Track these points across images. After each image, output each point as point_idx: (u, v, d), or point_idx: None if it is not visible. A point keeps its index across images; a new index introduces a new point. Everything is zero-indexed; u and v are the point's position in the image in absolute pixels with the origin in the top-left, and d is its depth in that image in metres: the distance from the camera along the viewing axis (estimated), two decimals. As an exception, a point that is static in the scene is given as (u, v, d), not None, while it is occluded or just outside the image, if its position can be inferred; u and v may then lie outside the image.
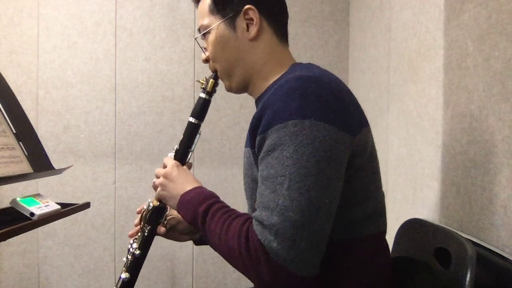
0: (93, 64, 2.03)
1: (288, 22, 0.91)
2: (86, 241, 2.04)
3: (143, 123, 2.04)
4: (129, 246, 0.96)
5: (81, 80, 2.03)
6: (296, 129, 0.66)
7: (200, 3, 0.90)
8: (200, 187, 0.84)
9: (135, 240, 0.96)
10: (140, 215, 0.97)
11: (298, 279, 0.64)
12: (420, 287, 0.82)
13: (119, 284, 0.94)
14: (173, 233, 1.02)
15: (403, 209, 1.33)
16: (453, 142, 1.03)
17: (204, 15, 0.88)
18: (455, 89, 1.03)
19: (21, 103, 1.16)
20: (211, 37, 0.87)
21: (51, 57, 2.03)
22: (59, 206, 1.05)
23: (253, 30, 0.84)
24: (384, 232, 0.82)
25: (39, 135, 1.21)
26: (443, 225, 0.96)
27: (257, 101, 0.91)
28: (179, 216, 0.99)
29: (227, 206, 0.78)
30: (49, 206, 1.02)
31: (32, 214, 0.94)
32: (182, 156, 0.95)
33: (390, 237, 0.97)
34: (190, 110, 0.97)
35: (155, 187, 0.92)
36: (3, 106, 1.08)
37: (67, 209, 1.08)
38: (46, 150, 1.17)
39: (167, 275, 2.05)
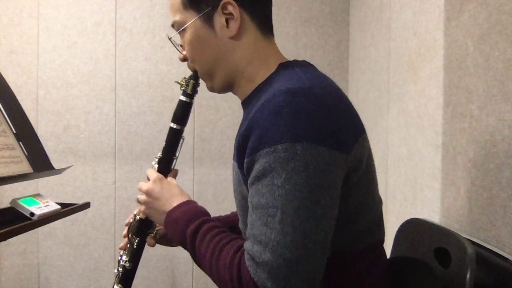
0: (93, 64, 2.03)
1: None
2: (86, 241, 2.04)
3: (143, 123, 2.04)
4: (119, 258, 0.93)
5: (81, 80, 2.03)
6: (287, 154, 0.60)
7: None
8: (187, 202, 0.79)
9: (124, 252, 0.92)
10: (127, 227, 0.93)
11: None
12: (420, 287, 0.82)
13: None
14: (165, 240, 0.97)
15: (403, 209, 1.33)
16: (453, 142, 1.03)
17: (177, 10, 0.79)
18: (455, 89, 1.03)
19: (21, 103, 1.16)
20: (187, 35, 0.79)
21: (51, 57, 2.03)
22: (59, 206, 1.05)
23: (234, 26, 0.75)
24: (382, 241, 0.79)
25: (39, 135, 1.21)
26: (443, 225, 0.96)
27: (244, 104, 0.83)
28: None
29: (217, 226, 0.73)
30: (49, 206, 1.02)
31: (32, 214, 0.94)
32: (166, 164, 0.88)
33: (390, 237, 0.97)
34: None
35: (139, 202, 0.87)
36: (3, 106, 1.08)
37: (67, 209, 1.08)
38: (46, 150, 1.17)
39: (167, 275, 2.05)
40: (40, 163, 1.12)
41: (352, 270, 0.72)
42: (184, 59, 0.85)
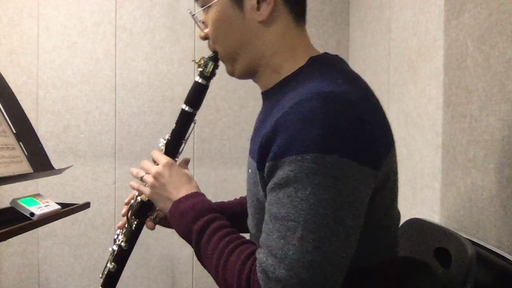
0: (93, 64, 2.03)
1: None
2: (86, 241, 2.04)
3: (143, 123, 2.04)
4: (115, 236, 0.89)
5: (81, 80, 2.03)
6: (315, 165, 0.55)
7: None
8: (195, 195, 0.75)
9: (122, 232, 0.89)
10: (127, 206, 0.89)
11: None
12: (420, 287, 0.82)
13: (105, 273, 0.89)
14: (165, 223, 0.93)
15: (403, 209, 1.32)
16: (453, 142, 1.03)
17: None
18: (455, 89, 1.03)
19: (21, 103, 1.16)
20: (212, 14, 0.72)
21: (51, 57, 2.03)
22: (59, 206, 1.05)
23: (265, 9, 0.68)
24: (396, 256, 0.75)
25: (39, 135, 1.21)
26: (443, 225, 0.96)
27: (265, 94, 0.77)
28: None
29: (226, 226, 0.69)
30: (49, 206, 1.02)
31: (32, 214, 0.94)
32: (174, 148, 0.84)
33: (390, 237, 0.97)
34: None
35: (141, 183, 0.83)
36: (3, 106, 1.08)
37: (67, 209, 1.08)
38: (46, 150, 1.17)
39: (167, 275, 2.05)
40: (40, 163, 1.12)
41: (366, 285, 0.68)
42: (205, 38, 0.78)
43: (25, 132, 1.12)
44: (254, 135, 0.75)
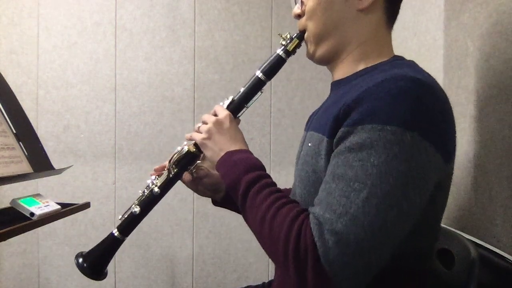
0: (93, 64, 2.03)
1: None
2: (86, 241, 2.04)
3: (143, 123, 2.04)
4: (149, 181, 0.91)
5: (81, 80, 2.03)
6: (395, 137, 0.56)
7: None
8: (249, 152, 0.76)
9: (157, 178, 0.91)
10: (171, 156, 0.91)
11: None
12: None
13: (126, 214, 0.91)
14: (196, 185, 0.97)
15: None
16: (453, 142, 1.03)
17: None
18: (455, 89, 1.03)
19: (21, 103, 1.16)
20: None
21: (51, 57, 2.03)
22: (59, 206, 1.06)
23: (367, 1, 0.73)
24: (428, 271, 0.73)
25: (39, 135, 1.21)
26: (445, 226, 0.96)
27: (336, 84, 0.79)
28: (210, 169, 0.96)
29: (276, 185, 0.69)
30: (49, 206, 1.02)
31: (32, 214, 0.94)
32: (236, 109, 0.85)
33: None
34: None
35: (196, 131, 0.84)
36: (3, 106, 1.08)
37: (67, 209, 1.08)
38: (46, 150, 1.17)
39: (167, 275, 2.04)
40: (40, 163, 1.12)
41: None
42: (298, 16, 0.81)
43: (25, 132, 1.12)
44: (322, 112, 0.76)
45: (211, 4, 2.04)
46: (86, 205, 1.19)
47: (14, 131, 1.08)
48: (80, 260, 0.87)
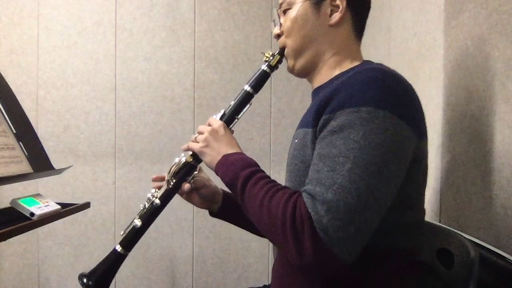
0: (93, 64, 2.03)
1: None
2: (86, 241, 2.04)
3: (143, 123, 2.04)
4: (149, 194, 0.96)
5: (81, 80, 2.03)
6: (369, 116, 0.65)
7: None
8: (244, 154, 0.83)
9: (157, 190, 0.96)
10: (169, 168, 0.96)
11: (337, 261, 0.62)
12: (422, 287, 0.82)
13: (128, 229, 0.94)
14: (194, 196, 1.02)
15: (403, 209, 1.32)
16: (453, 142, 1.03)
17: None
18: (455, 89, 1.03)
19: (21, 103, 1.16)
20: (292, 13, 0.87)
21: (51, 57, 2.03)
22: (59, 206, 1.05)
23: (336, 16, 0.84)
24: (421, 247, 0.80)
25: (39, 135, 1.21)
26: (445, 226, 0.96)
27: (316, 91, 0.89)
28: (207, 180, 1.02)
29: (270, 178, 0.76)
30: (49, 206, 1.02)
31: (32, 214, 0.94)
32: (228, 120, 0.93)
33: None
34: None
35: (193, 141, 0.91)
36: (3, 106, 1.08)
37: (67, 209, 1.08)
38: (46, 150, 1.17)
39: (167, 275, 2.05)
40: (40, 163, 1.12)
41: (378, 268, 0.72)
42: (278, 36, 0.92)
43: (25, 132, 1.12)
44: (306, 113, 0.86)
45: (211, 4, 2.04)
46: (86, 205, 1.19)
47: (14, 131, 1.08)
48: (85, 280, 0.89)
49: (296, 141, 0.83)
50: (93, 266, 0.92)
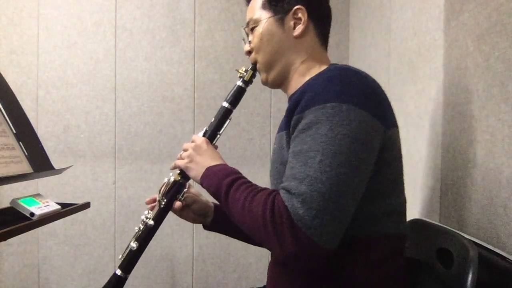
0: (93, 64, 2.03)
1: None
2: (86, 241, 2.04)
3: (143, 123, 2.04)
4: (143, 216, 0.99)
5: (81, 80, 2.03)
6: (333, 110, 0.69)
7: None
8: (226, 165, 0.88)
9: (150, 211, 0.99)
10: (159, 188, 0.99)
11: (318, 249, 0.65)
12: (423, 287, 0.82)
13: (126, 252, 0.97)
14: (187, 212, 1.05)
15: (403, 209, 1.32)
16: (453, 142, 1.03)
17: (256, 9, 0.93)
18: (455, 89, 1.03)
19: (21, 103, 1.16)
20: (259, 29, 0.92)
21: (51, 57, 2.03)
22: (59, 206, 1.05)
23: (299, 28, 0.89)
24: (403, 235, 0.83)
25: (39, 135, 1.21)
26: (444, 226, 0.96)
27: (290, 98, 0.93)
28: (197, 196, 1.06)
29: (252, 183, 0.80)
30: (49, 206, 1.02)
31: (32, 214, 0.94)
32: (210, 137, 0.99)
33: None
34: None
35: (180, 159, 0.95)
36: (3, 106, 1.08)
37: (67, 209, 1.08)
38: (46, 150, 1.17)
39: (167, 275, 2.05)
40: (40, 163, 1.12)
41: (363, 258, 0.75)
42: (249, 52, 0.97)
43: (25, 132, 1.12)
44: (282, 118, 0.89)
45: (211, 4, 2.04)
46: (86, 205, 1.19)
47: (14, 131, 1.08)
48: None
49: (275, 146, 0.89)
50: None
